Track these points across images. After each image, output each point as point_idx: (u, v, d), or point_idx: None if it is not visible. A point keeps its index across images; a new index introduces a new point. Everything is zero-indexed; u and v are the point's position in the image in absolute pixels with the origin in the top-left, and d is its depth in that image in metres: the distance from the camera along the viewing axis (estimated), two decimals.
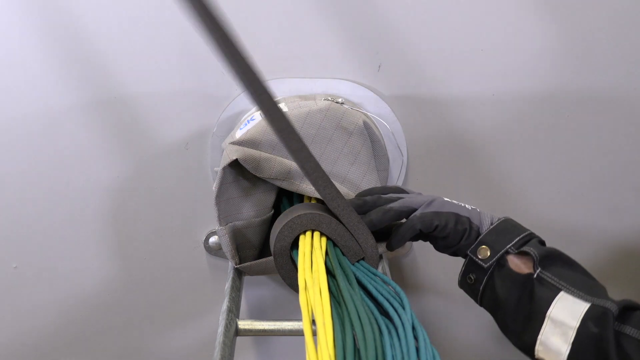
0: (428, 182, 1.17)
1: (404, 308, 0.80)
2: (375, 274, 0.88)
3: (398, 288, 0.84)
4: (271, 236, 0.95)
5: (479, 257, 0.88)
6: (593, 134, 1.15)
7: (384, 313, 0.81)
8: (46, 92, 1.09)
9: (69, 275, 1.20)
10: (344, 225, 0.90)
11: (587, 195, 1.19)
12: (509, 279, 0.86)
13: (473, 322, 1.23)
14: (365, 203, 0.92)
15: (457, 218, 0.89)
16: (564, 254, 0.87)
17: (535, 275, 0.84)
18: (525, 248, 0.86)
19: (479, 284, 0.89)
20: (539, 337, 0.83)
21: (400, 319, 0.78)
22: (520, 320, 0.85)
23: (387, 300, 0.82)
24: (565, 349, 0.81)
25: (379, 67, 1.11)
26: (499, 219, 0.90)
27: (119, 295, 1.22)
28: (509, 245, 0.87)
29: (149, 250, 1.19)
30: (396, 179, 1.15)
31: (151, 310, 1.24)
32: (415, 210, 0.91)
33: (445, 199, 0.92)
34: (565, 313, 0.81)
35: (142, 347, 1.26)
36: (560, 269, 0.85)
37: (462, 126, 1.14)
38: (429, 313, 1.26)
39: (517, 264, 0.86)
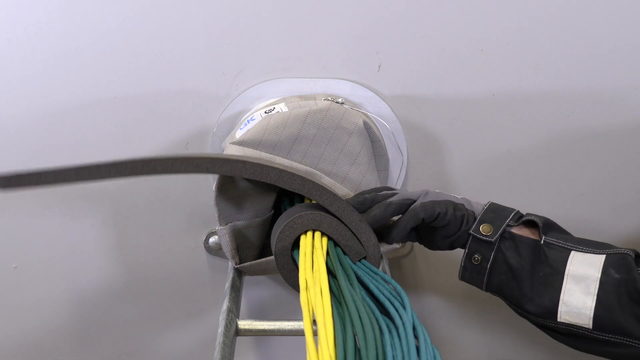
0: (428, 182, 1.17)
1: (404, 307, 0.80)
2: (376, 273, 0.88)
3: (399, 287, 0.84)
4: (272, 236, 0.96)
5: (483, 233, 0.89)
6: (594, 134, 1.15)
7: (385, 312, 0.81)
8: (46, 91, 1.09)
9: (69, 275, 1.20)
10: (346, 225, 0.90)
11: (588, 195, 1.19)
12: (521, 245, 0.86)
13: (473, 321, 1.23)
14: (365, 200, 0.93)
15: (455, 205, 0.91)
16: (558, 225, 0.90)
17: (542, 242, 0.85)
18: (527, 217, 0.88)
19: (486, 262, 0.89)
20: (561, 297, 0.83)
21: (401, 318, 0.78)
22: (538, 285, 0.85)
23: (388, 299, 0.82)
24: (590, 302, 0.81)
25: (379, 67, 1.11)
26: (487, 203, 0.92)
27: (119, 295, 1.21)
28: (508, 219, 0.88)
29: (149, 250, 1.19)
30: (396, 179, 1.15)
31: (151, 310, 1.24)
32: (414, 201, 0.92)
33: (437, 190, 0.94)
34: (584, 267, 0.81)
35: (142, 347, 1.26)
36: (562, 235, 0.87)
37: (462, 126, 1.15)
38: (429, 313, 1.26)
39: (523, 233, 0.88)
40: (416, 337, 0.76)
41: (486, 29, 1.09)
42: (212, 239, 1.19)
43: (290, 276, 0.92)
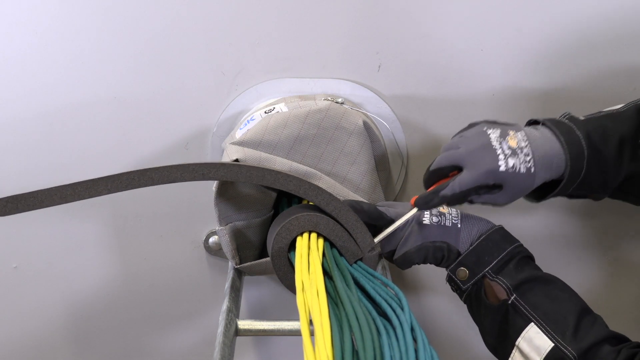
0: None
1: (402, 309, 0.80)
2: (373, 275, 0.88)
3: (397, 288, 0.84)
4: (268, 238, 0.96)
5: (458, 277, 0.90)
6: None
7: (382, 314, 0.81)
8: (46, 92, 1.09)
9: (69, 275, 1.20)
10: (342, 225, 0.90)
11: None
12: (483, 307, 0.89)
13: (472, 322, 1.23)
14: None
15: (434, 247, 0.91)
16: (542, 276, 0.89)
17: (510, 302, 0.86)
18: (500, 277, 0.88)
19: (460, 295, 0.93)
20: (510, 358, 0.86)
21: (399, 319, 0.78)
22: (495, 337, 0.88)
23: (386, 300, 0.82)
24: None
25: (379, 67, 1.11)
26: (480, 236, 0.90)
27: (119, 295, 1.22)
28: (486, 270, 0.89)
29: (149, 250, 1.19)
30: (396, 179, 1.15)
31: (151, 310, 1.24)
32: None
33: (425, 217, 0.92)
34: (531, 348, 0.84)
35: (142, 347, 1.26)
36: (535, 297, 0.86)
37: (462, 126, 1.14)
38: (429, 313, 1.26)
39: (493, 290, 0.88)
40: (414, 338, 0.76)
41: (486, 29, 1.09)
42: (212, 239, 1.19)
43: (287, 278, 0.92)
